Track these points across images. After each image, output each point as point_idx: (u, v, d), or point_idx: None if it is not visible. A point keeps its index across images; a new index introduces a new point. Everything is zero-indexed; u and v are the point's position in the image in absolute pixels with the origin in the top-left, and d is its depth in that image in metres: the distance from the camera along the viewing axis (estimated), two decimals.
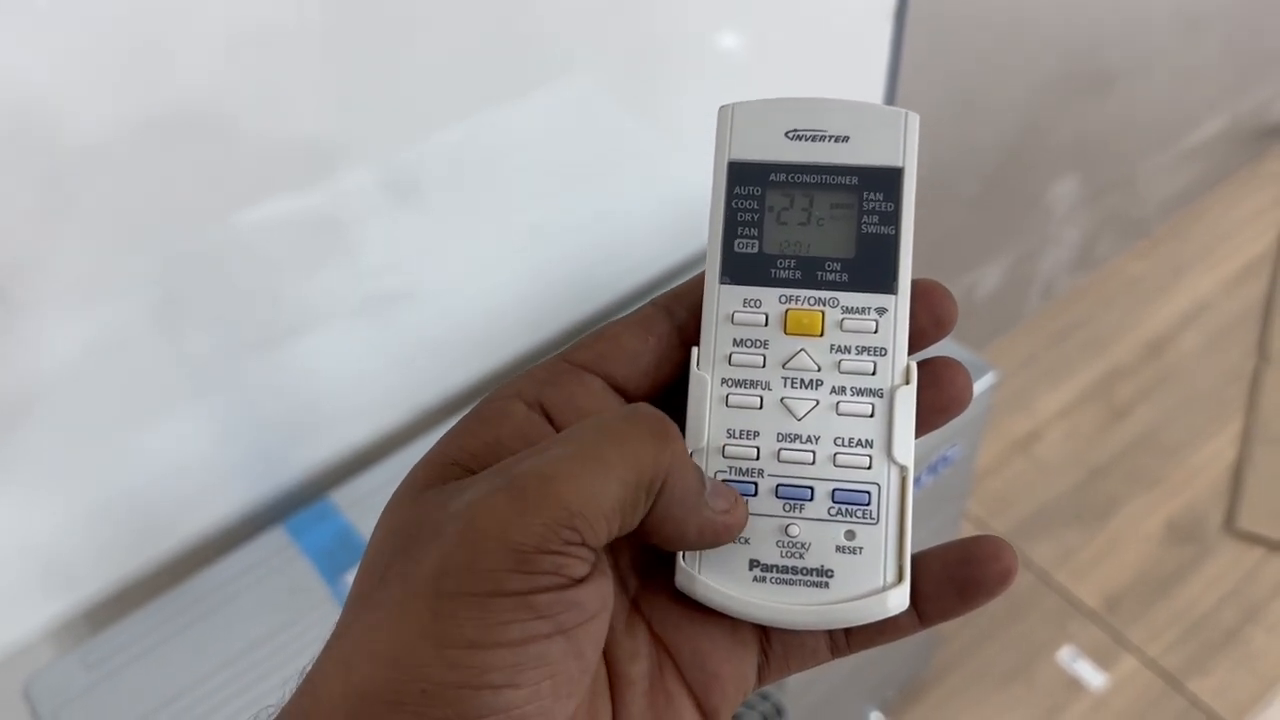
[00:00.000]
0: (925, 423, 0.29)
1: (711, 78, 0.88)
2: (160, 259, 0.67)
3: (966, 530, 1.53)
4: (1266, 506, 1.55)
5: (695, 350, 0.29)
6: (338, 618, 0.26)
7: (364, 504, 0.82)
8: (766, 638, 0.29)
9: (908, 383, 0.29)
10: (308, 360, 0.79)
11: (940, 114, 1.28)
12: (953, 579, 0.28)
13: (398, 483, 0.28)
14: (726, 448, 0.29)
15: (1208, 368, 1.76)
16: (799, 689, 0.99)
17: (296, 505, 0.84)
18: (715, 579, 0.28)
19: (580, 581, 0.25)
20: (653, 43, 0.83)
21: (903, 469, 0.29)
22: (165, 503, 0.77)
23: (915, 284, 0.29)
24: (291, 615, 0.75)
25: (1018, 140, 1.46)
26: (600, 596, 0.25)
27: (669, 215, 0.94)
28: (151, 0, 0.57)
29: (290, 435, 0.82)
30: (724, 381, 0.29)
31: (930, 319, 0.29)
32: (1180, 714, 1.36)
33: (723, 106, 0.31)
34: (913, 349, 0.29)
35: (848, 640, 0.29)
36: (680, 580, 0.28)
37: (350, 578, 0.76)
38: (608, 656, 0.28)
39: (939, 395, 0.29)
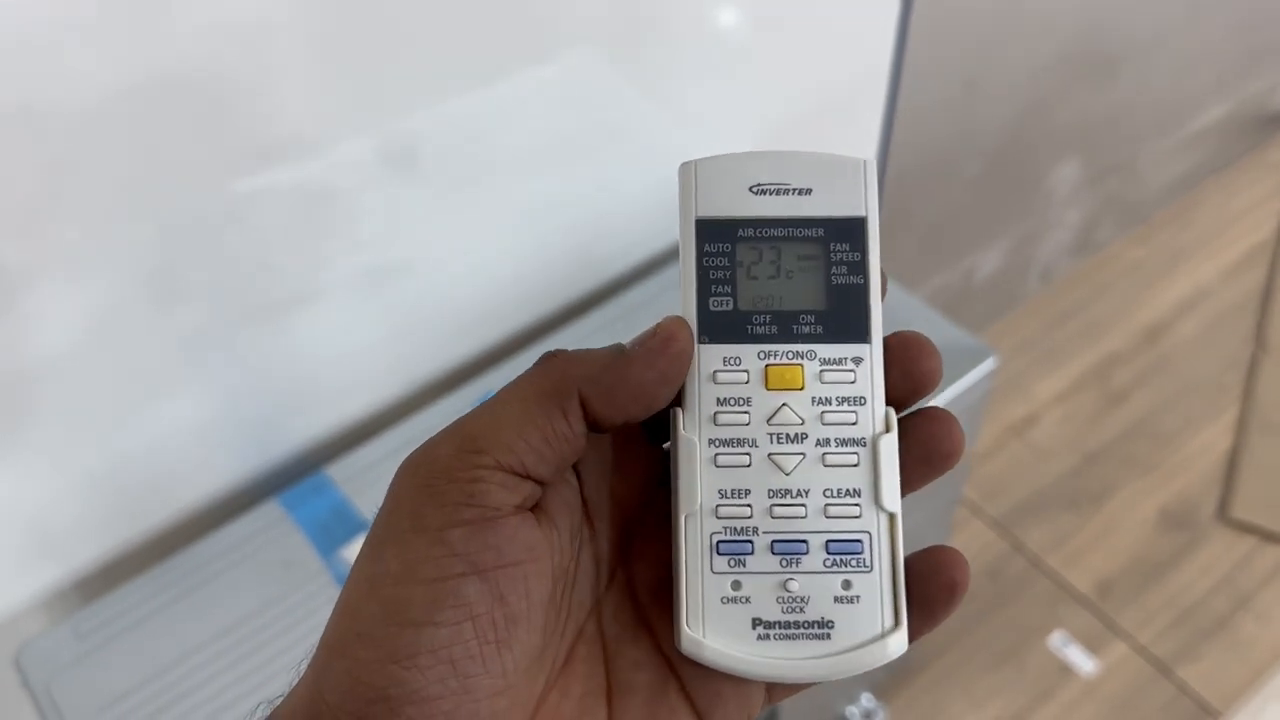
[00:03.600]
0: (917, 477, 0.29)
1: (713, 53, 0.88)
2: (155, 229, 0.66)
3: (961, 516, 1.54)
4: (1260, 496, 1.55)
5: (679, 412, 0.29)
6: (335, 595, 0.28)
7: (360, 478, 0.82)
8: None
9: (888, 430, 0.29)
10: (304, 333, 0.78)
11: (943, 95, 1.28)
12: (913, 596, 0.28)
13: (393, 456, 0.29)
14: (719, 508, 0.29)
15: (1205, 355, 1.76)
16: None
17: (292, 478, 0.83)
18: (721, 641, 0.28)
19: (500, 518, 0.26)
20: (653, 16, 0.82)
21: (891, 515, 0.29)
22: (159, 474, 0.77)
23: (898, 337, 0.29)
24: (285, 589, 0.75)
25: (1019, 123, 1.45)
26: (523, 544, 0.26)
27: (668, 191, 0.93)
28: None
29: (286, 408, 0.82)
30: (711, 442, 0.29)
31: (909, 386, 0.29)
32: (1169, 701, 1.37)
33: (684, 164, 0.31)
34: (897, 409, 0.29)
35: None
36: (686, 646, 0.28)
37: (345, 552, 0.77)
38: (607, 662, 0.28)
39: (929, 448, 0.29)
